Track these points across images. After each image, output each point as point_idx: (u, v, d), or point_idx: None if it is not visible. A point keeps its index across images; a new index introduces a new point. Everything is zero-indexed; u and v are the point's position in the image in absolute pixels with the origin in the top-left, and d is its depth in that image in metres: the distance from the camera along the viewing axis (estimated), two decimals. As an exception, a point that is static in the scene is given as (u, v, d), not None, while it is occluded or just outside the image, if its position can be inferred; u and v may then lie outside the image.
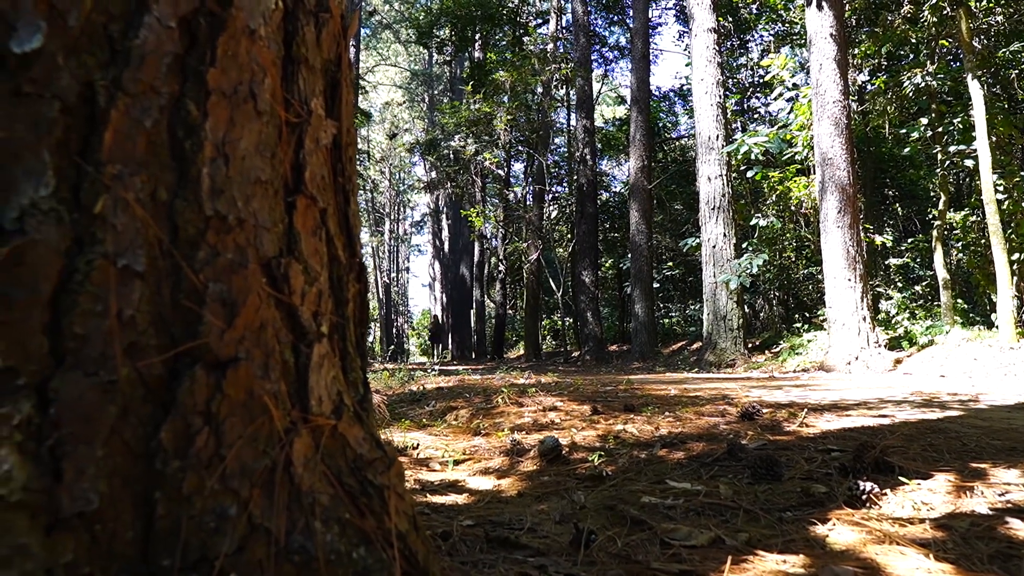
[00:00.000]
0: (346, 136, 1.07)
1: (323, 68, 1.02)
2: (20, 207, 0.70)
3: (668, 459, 2.24)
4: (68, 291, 0.71)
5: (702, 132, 12.21)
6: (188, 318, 0.77)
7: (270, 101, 0.89)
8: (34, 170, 0.71)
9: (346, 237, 1.03)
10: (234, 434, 0.76)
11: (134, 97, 0.77)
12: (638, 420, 3.04)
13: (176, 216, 0.78)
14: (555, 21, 20.45)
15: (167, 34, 0.81)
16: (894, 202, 16.02)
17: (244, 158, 0.85)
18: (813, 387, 5.18)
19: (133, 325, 0.73)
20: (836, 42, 9.33)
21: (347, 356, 0.98)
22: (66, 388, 0.69)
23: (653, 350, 14.56)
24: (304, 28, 0.97)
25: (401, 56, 39.31)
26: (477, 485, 2.23)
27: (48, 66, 0.72)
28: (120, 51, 0.78)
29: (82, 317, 0.71)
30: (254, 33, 0.89)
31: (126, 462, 0.71)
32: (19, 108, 0.71)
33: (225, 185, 0.82)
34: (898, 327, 10.22)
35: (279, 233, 0.88)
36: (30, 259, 0.69)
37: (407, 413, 4.02)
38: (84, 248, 0.72)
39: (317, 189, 0.95)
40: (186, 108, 0.81)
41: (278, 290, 0.85)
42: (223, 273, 0.79)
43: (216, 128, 0.82)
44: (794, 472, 1.90)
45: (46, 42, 0.72)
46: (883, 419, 2.94)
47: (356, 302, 1.04)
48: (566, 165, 22.60)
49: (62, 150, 0.73)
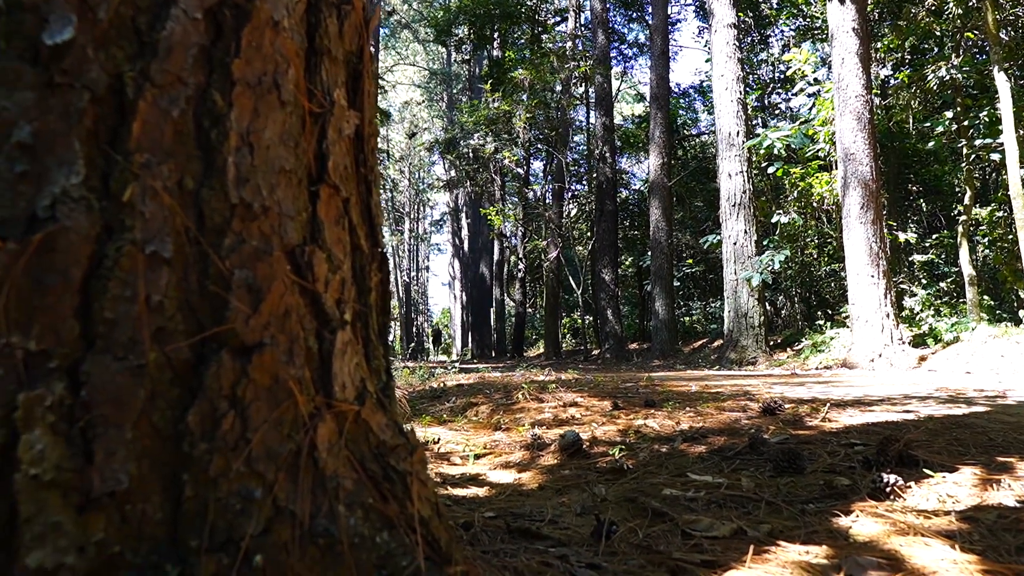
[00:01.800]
0: (368, 127, 1.08)
1: (345, 59, 1.03)
2: (52, 195, 0.71)
3: (689, 453, 2.24)
4: (98, 276, 0.72)
5: (722, 128, 12.13)
6: (215, 304, 0.78)
7: (294, 91, 0.90)
8: (65, 159, 0.73)
9: (368, 227, 1.04)
10: (259, 418, 0.78)
11: (161, 88, 0.79)
12: (659, 415, 3.03)
13: (202, 204, 0.80)
14: (574, 18, 20.41)
15: (193, 25, 0.82)
16: (918, 198, 15.81)
17: (268, 147, 0.86)
18: (836, 383, 5.14)
19: (161, 310, 0.75)
20: (858, 36, 9.22)
21: (370, 344, 0.99)
22: (97, 371, 0.70)
23: (674, 348, 14.50)
24: (327, 20, 0.98)
25: (420, 55, 39.43)
26: (498, 478, 2.23)
27: (79, 57, 0.74)
28: (148, 43, 0.79)
29: (112, 302, 0.72)
30: (278, 24, 0.90)
31: (155, 444, 0.73)
32: (51, 99, 0.73)
33: (250, 174, 0.83)
34: (923, 324, 10.10)
35: (303, 221, 0.89)
36: (62, 245, 0.71)
37: (428, 409, 4.04)
38: (113, 235, 0.74)
39: (340, 179, 0.96)
40: (212, 98, 0.82)
41: (302, 277, 0.86)
42: (249, 260, 0.80)
43: (241, 118, 0.84)
44: (816, 465, 1.89)
45: (76, 34, 0.74)
46: (907, 414, 2.91)
47: (378, 291, 1.05)
48: (585, 163, 22.55)
49: (92, 140, 0.74)
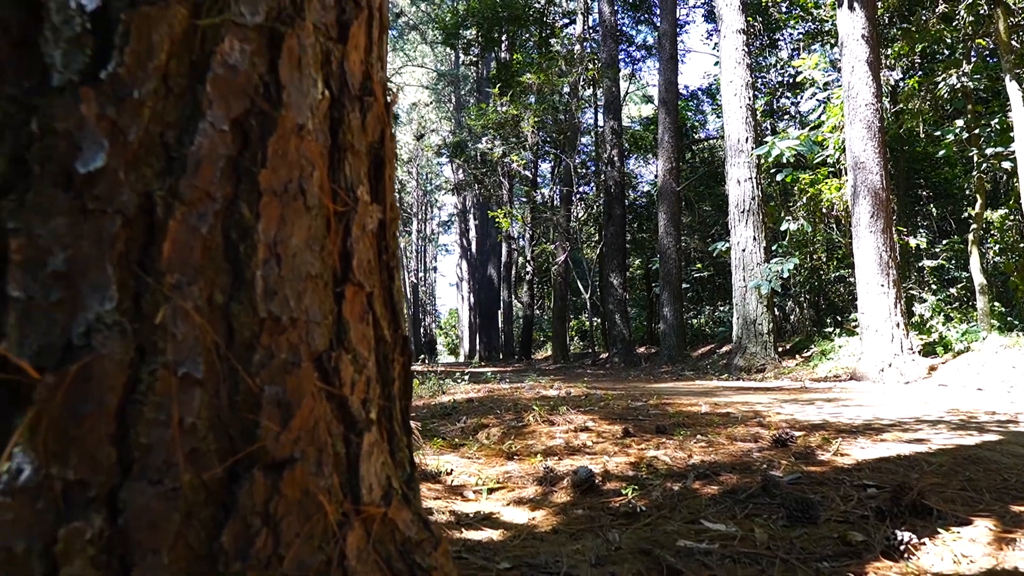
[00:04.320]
0: (390, 212, 1.09)
1: (368, 150, 1.04)
2: (87, 322, 0.73)
3: (702, 493, 2.24)
4: (133, 401, 0.74)
5: (731, 135, 12.11)
6: (245, 420, 0.79)
7: (318, 194, 0.92)
8: (99, 284, 0.74)
9: (391, 314, 1.06)
10: (291, 533, 0.79)
11: (190, 205, 0.80)
12: (670, 445, 3.04)
13: (232, 319, 0.81)
14: (582, 22, 20.39)
15: (220, 137, 0.83)
16: (928, 202, 15.75)
17: (295, 255, 0.87)
18: (845, 401, 5.13)
19: (194, 431, 0.76)
20: (868, 44, 9.19)
21: (394, 436, 1.00)
22: (134, 498, 0.72)
23: (682, 353, 14.48)
24: (350, 115, 0.99)
25: (428, 57, 39.47)
26: (511, 518, 2.25)
27: (111, 182, 0.75)
28: (176, 158, 0.80)
29: (147, 427, 0.74)
30: (303, 128, 0.91)
31: (190, 565, 0.74)
32: (84, 225, 0.74)
33: (278, 285, 0.84)
34: (932, 332, 10.06)
35: (329, 325, 0.90)
36: (97, 374, 0.72)
37: (439, 430, 4.05)
38: (146, 357, 0.75)
39: (364, 275, 0.97)
40: (240, 211, 0.83)
41: (329, 383, 0.87)
42: (278, 375, 0.82)
43: (268, 229, 0.85)
44: (830, 513, 1.89)
45: (108, 159, 0.75)
46: (919, 445, 2.91)
47: (401, 378, 1.06)
48: (593, 163, 22.54)
49: (123, 262, 0.76)
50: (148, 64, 0.79)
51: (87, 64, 0.76)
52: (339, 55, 1.00)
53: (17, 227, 0.72)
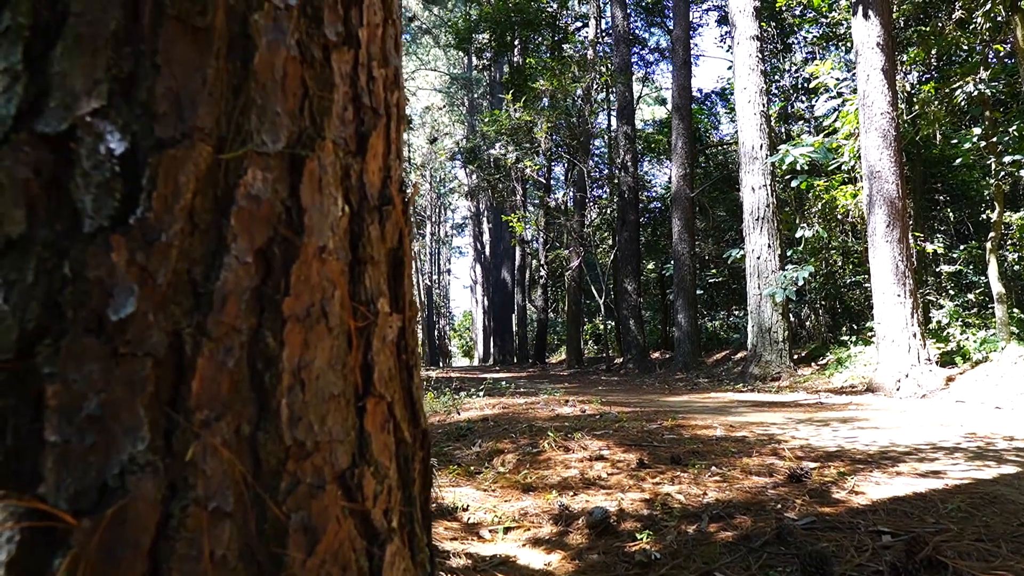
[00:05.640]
0: (408, 312, 1.11)
1: (386, 257, 1.07)
2: (121, 464, 0.76)
3: (716, 539, 2.26)
4: (165, 537, 0.77)
5: (745, 142, 12.07)
6: (273, 551, 0.82)
7: (340, 313, 0.94)
8: (131, 426, 0.77)
9: (411, 414, 1.08)
10: (315, 659, 0.82)
11: (217, 341, 0.83)
12: (684, 479, 3.06)
13: (258, 448, 0.84)
14: (594, 26, 20.38)
15: (245, 270, 0.86)
16: (945, 206, 15.62)
17: (318, 377, 0.90)
18: (861, 423, 5.11)
19: (224, 563, 0.79)
20: (884, 52, 9.13)
21: (414, 538, 1.03)
22: (167, 636, 0.75)
23: (696, 360, 14.45)
24: (369, 228, 1.02)
25: (440, 60, 39.58)
26: (528, 561, 2.27)
27: (141, 325, 0.78)
28: (203, 294, 0.83)
29: (179, 562, 0.77)
30: (324, 249, 0.93)
31: None
32: (116, 369, 0.77)
33: (303, 411, 0.87)
34: (950, 340, 9.99)
35: (351, 441, 0.93)
36: (132, 516, 0.75)
37: (454, 454, 4.08)
38: (177, 493, 0.78)
39: (384, 385, 1.00)
40: (264, 340, 0.86)
41: (351, 500, 0.90)
42: (304, 500, 0.85)
43: (292, 355, 0.88)
44: (844, 567, 1.90)
45: (139, 304, 0.78)
46: (935, 480, 2.91)
47: (421, 475, 1.08)
48: (606, 166, 22.52)
49: (154, 402, 0.78)
50: (175, 206, 0.82)
51: (116, 209, 0.79)
52: (358, 168, 1.02)
53: (52, 372, 0.75)
